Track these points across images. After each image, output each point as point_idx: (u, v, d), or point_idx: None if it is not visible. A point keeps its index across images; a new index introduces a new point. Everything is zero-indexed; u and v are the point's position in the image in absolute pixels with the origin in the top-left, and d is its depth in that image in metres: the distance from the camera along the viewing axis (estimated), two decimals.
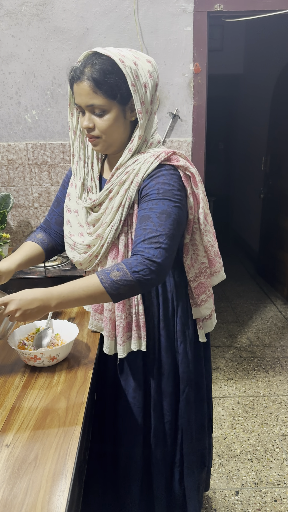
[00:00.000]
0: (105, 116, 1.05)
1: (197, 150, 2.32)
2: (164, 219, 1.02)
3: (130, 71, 1.01)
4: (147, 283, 1.00)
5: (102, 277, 0.99)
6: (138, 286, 0.99)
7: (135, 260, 0.99)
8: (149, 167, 1.06)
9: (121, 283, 0.98)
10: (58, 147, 2.30)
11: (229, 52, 4.60)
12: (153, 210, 1.03)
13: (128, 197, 1.08)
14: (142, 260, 0.98)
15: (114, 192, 1.10)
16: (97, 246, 1.14)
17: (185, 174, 1.09)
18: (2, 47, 2.16)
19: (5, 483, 0.77)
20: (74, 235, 1.21)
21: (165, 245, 1.00)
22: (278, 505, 1.76)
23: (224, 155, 6.17)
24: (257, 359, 2.84)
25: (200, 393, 1.35)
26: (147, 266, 0.98)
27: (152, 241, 1.00)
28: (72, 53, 2.17)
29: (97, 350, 1.22)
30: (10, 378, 1.09)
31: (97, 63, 1.02)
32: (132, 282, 0.98)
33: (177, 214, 1.05)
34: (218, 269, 1.26)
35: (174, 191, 1.05)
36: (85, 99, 1.04)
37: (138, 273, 0.98)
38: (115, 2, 2.11)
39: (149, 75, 1.05)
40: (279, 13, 2.14)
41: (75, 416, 0.94)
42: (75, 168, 1.21)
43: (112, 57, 1.01)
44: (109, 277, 0.98)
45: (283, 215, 3.64)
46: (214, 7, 2.12)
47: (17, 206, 2.40)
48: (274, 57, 3.79)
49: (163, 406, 1.28)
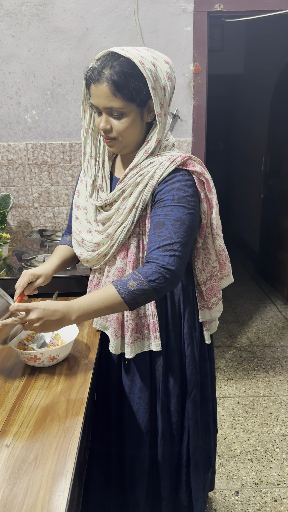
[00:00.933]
0: (123, 118, 1.04)
1: (197, 150, 2.32)
2: (178, 226, 1.03)
3: (150, 73, 1.00)
4: (162, 290, 1.02)
5: (119, 288, 1.00)
6: (154, 293, 1.02)
7: (150, 268, 1.01)
8: (165, 171, 1.06)
9: (138, 293, 1.00)
10: (58, 147, 2.30)
11: (229, 52, 4.60)
12: (168, 216, 1.04)
13: (142, 199, 1.09)
14: (157, 268, 1.01)
15: (127, 193, 1.10)
16: (107, 246, 1.14)
17: (199, 179, 1.10)
18: (2, 47, 2.16)
19: (5, 483, 0.77)
20: (82, 232, 1.21)
21: (179, 253, 1.02)
22: (278, 505, 1.76)
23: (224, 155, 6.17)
24: (257, 359, 2.84)
25: (205, 394, 1.36)
26: (162, 274, 1.00)
27: (166, 249, 1.02)
28: (72, 53, 2.17)
29: (97, 350, 1.22)
30: (10, 378, 1.09)
31: (116, 65, 0.99)
32: (148, 290, 1.00)
33: (191, 221, 1.06)
34: (227, 273, 1.29)
35: (188, 197, 1.06)
36: (104, 101, 1.02)
37: (154, 282, 1.00)
38: (115, 2, 2.11)
39: (168, 77, 1.04)
40: (279, 13, 2.14)
41: (75, 416, 0.94)
42: (86, 166, 1.21)
43: (132, 59, 0.99)
44: (126, 287, 1.00)
45: (283, 215, 3.64)
46: (214, 7, 2.12)
47: (17, 206, 2.40)
48: (274, 57, 3.79)
49: (170, 407, 1.28)
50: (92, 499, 1.37)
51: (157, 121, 1.06)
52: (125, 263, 1.14)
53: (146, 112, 1.07)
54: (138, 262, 1.14)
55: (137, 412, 1.26)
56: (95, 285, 1.26)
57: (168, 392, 1.27)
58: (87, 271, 1.57)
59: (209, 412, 1.39)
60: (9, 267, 1.66)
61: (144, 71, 0.99)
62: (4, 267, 1.67)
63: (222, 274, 1.28)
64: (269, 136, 3.92)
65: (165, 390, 1.27)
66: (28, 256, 1.77)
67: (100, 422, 1.33)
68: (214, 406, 1.48)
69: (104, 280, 1.21)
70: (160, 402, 1.27)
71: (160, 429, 1.29)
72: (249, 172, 4.77)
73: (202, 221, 1.15)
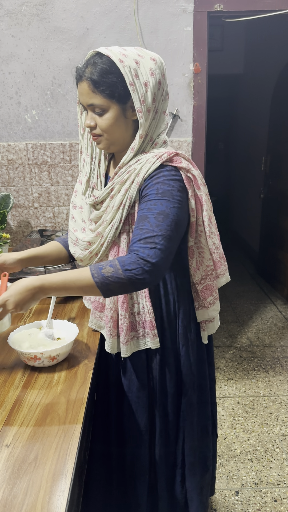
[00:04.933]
0: (105, 115, 1.07)
1: (197, 150, 2.32)
2: (161, 219, 1.01)
3: (129, 70, 1.02)
4: (139, 282, 0.99)
5: (94, 272, 0.99)
6: (130, 284, 0.99)
7: (129, 258, 0.99)
8: (151, 167, 1.06)
9: (112, 280, 0.98)
10: (58, 147, 2.30)
11: (229, 52, 4.60)
12: (151, 210, 1.03)
13: (129, 196, 1.08)
14: (136, 259, 0.98)
15: (115, 191, 1.11)
16: (97, 244, 1.14)
17: (187, 176, 1.09)
18: (2, 47, 2.16)
19: (5, 483, 0.77)
20: (77, 231, 1.21)
21: (160, 246, 1.00)
22: (278, 505, 1.76)
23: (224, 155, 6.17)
24: (257, 359, 2.84)
25: (203, 396, 1.35)
26: (141, 265, 0.98)
27: (148, 241, 1.00)
28: (72, 53, 2.17)
29: (97, 350, 1.22)
30: (10, 378, 1.09)
31: (98, 63, 1.03)
32: (123, 280, 0.98)
33: (175, 215, 1.04)
34: (223, 271, 1.26)
35: (173, 191, 1.05)
36: (86, 98, 1.06)
37: (131, 272, 0.97)
38: (115, 2, 2.11)
39: (151, 73, 1.05)
40: (279, 13, 2.14)
41: (75, 416, 0.94)
42: (82, 164, 1.22)
43: (112, 57, 1.02)
44: (100, 272, 0.98)
45: (283, 215, 3.64)
46: (214, 7, 2.12)
47: (17, 206, 2.40)
48: (274, 57, 3.79)
49: (166, 406, 1.28)
50: (94, 499, 1.37)
51: (137, 116, 1.06)
52: None
53: (129, 110, 1.08)
54: None
55: (136, 411, 1.26)
56: None
57: (165, 391, 1.27)
58: None
59: (206, 415, 1.38)
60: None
61: (122, 68, 1.02)
62: None
63: (217, 273, 1.26)
64: (269, 136, 3.92)
65: (162, 389, 1.26)
66: None
67: (100, 421, 1.33)
68: (213, 410, 1.47)
69: None
70: (157, 401, 1.27)
71: (157, 428, 1.29)
72: (249, 172, 4.77)
73: (191, 219, 1.13)
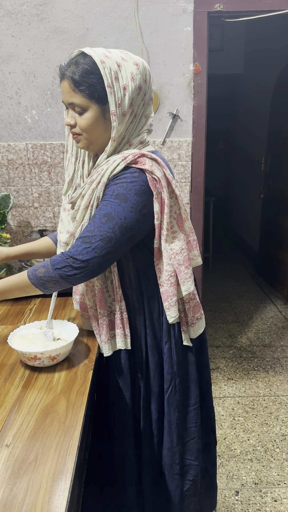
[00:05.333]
0: (84, 114, 1.08)
1: (197, 150, 2.32)
2: (104, 221, 1.04)
3: (109, 72, 1.02)
4: (71, 278, 1.06)
5: (29, 274, 1.10)
6: (63, 280, 1.07)
7: (60, 257, 1.06)
8: (115, 168, 1.06)
9: (46, 279, 1.07)
10: (58, 147, 2.30)
11: (229, 52, 4.60)
12: (100, 210, 1.06)
13: (96, 197, 1.09)
14: (65, 257, 1.05)
15: (85, 191, 1.12)
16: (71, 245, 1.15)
17: (152, 177, 1.07)
18: (2, 47, 2.16)
19: (5, 483, 0.77)
20: (62, 233, 1.21)
21: (95, 245, 1.03)
22: (278, 505, 1.76)
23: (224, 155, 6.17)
24: (257, 359, 2.84)
25: (188, 399, 1.30)
26: (69, 263, 1.04)
27: (84, 240, 1.05)
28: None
29: (97, 350, 1.23)
30: (10, 378, 1.09)
31: (81, 62, 1.04)
32: (55, 277, 1.06)
33: (122, 218, 1.04)
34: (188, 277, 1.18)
35: (128, 195, 1.04)
36: (66, 97, 1.08)
37: (60, 270, 1.05)
38: (115, 2, 2.11)
39: (132, 77, 1.04)
40: (279, 13, 2.14)
41: (75, 416, 0.94)
42: (67, 164, 1.23)
43: (94, 58, 1.02)
44: (35, 273, 1.08)
45: (283, 215, 3.64)
46: (214, 7, 2.12)
47: (17, 206, 2.40)
48: (274, 57, 3.80)
49: (150, 405, 1.27)
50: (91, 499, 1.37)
51: (111, 119, 1.06)
52: None
53: (109, 111, 1.07)
54: None
55: (121, 412, 1.25)
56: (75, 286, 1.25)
57: (149, 390, 1.26)
58: None
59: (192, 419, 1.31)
60: (9, 267, 1.66)
61: (102, 69, 1.02)
62: (4, 267, 1.67)
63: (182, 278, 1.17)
64: (269, 136, 3.92)
65: (147, 387, 1.25)
66: None
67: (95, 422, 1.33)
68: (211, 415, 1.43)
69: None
70: (142, 400, 1.26)
71: (142, 427, 1.27)
72: (249, 172, 4.77)
73: (155, 221, 1.10)
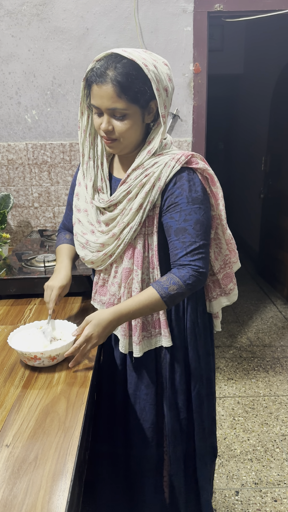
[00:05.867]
0: (125, 120, 1.05)
1: (197, 150, 2.32)
2: (199, 228, 1.09)
3: (154, 75, 1.02)
4: (195, 289, 1.13)
5: (161, 292, 1.09)
6: (189, 293, 1.12)
7: (187, 273, 1.09)
8: (171, 172, 1.08)
9: (177, 295, 1.10)
10: (58, 147, 2.30)
11: (229, 52, 4.60)
12: (187, 221, 1.09)
13: (150, 200, 1.10)
14: (193, 272, 1.09)
15: (133, 194, 1.11)
16: (113, 246, 1.15)
17: (202, 175, 1.13)
18: (2, 47, 2.16)
19: (5, 483, 0.77)
20: (87, 234, 1.21)
21: (205, 254, 1.11)
22: (278, 505, 1.76)
23: (224, 155, 6.16)
24: (257, 359, 2.84)
25: (211, 388, 1.38)
26: (197, 277, 1.10)
27: (194, 253, 1.09)
28: (72, 53, 2.17)
29: (97, 350, 1.23)
30: (10, 378, 1.09)
31: (120, 66, 1.00)
32: (186, 292, 1.11)
33: (207, 219, 1.12)
34: (236, 259, 1.33)
35: (200, 197, 1.10)
36: (107, 102, 1.02)
37: (191, 285, 1.10)
38: (115, 2, 2.11)
39: (168, 78, 1.06)
40: (279, 13, 2.14)
41: (75, 416, 0.94)
42: (85, 168, 1.20)
43: (136, 61, 1.00)
44: (167, 291, 1.09)
45: (283, 215, 3.64)
46: (214, 7, 2.12)
47: (17, 206, 2.40)
48: (274, 57, 3.79)
49: (178, 404, 1.30)
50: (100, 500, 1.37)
51: (161, 121, 1.07)
52: (132, 262, 1.15)
53: (147, 113, 1.08)
54: (145, 262, 1.16)
55: (143, 409, 1.27)
56: (101, 286, 1.26)
57: (175, 389, 1.28)
58: (87, 271, 1.57)
59: (213, 406, 1.41)
60: (9, 267, 1.66)
61: (148, 72, 1.00)
62: (4, 267, 1.67)
63: (232, 260, 1.32)
64: (269, 136, 3.92)
65: (172, 386, 1.28)
66: (28, 256, 1.77)
67: (104, 421, 1.33)
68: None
69: (111, 281, 1.21)
70: (167, 399, 1.28)
71: (169, 425, 1.29)
72: (249, 172, 4.76)
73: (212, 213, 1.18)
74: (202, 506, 1.41)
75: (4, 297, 1.59)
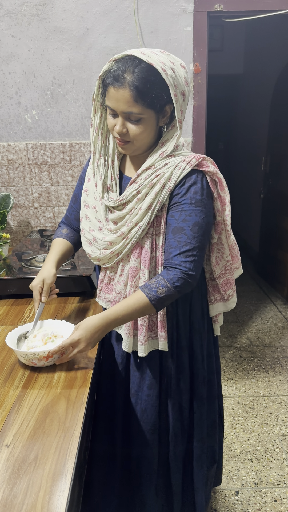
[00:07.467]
0: (140, 124, 1.05)
1: (197, 150, 2.32)
2: (196, 231, 1.09)
3: (172, 80, 1.01)
4: (184, 292, 1.12)
5: (150, 296, 1.09)
6: (178, 295, 1.12)
7: (176, 275, 1.09)
8: (181, 173, 1.09)
9: (166, 298, 1.10)
10: (58, 147, 2.30)
11: (229, 52, 4.60)
12: (186, 222, 1.09)
13: (159, 201, 1.10)
14: (181, 274, 1.09)
15: (142, 194, 1.11)
16: (121, 245, 1.15)
17: (212, 179, 1.13)
18: (2, 47, 2.16)
19: (5, 483, 0.77)
20: (94, 230, 1.21)
21: (198, 257, 1.10)
22: (278, 505, 1.76)
23: (224, 155, 6.16)
24: (257, 359, 2.84)
25: (212, 390, 1.38)
26: (185, 279, 1.09)
27: (187, 254, 1.09)
28: (72, 53, 2.17)
29: (97, 350, 1.22)
30: (10, 378, 1.09)
31: (138, 70, 0.99)
32: (175, 294, 1.10)
33: (207, 224, 1.12)
34: (238, 265, 1.33)
35: (204, 200, 1.11)
36: (123, 106, 1.02)
37: (180, 287, 1.09)
38: (115, 2, 2.11)
39: (185, 82, 1.05)
40: (279, 13, 2.14)
41: (75, 416, 0.94)
42: (96, 166, 1.20)
43: (154, 65, 0.99)
44: (156, 294, 1.09)
45: (283, 215, 3.64)
46: (214, 7, 2.12)
47: (17, 206, 2.40)
48: (274, 57, 3.79)
49: (181, 404, 1.30)
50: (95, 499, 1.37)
51: (177, 126, 1.08)
52: (139, 262, 1.16)
53: (161, 117, 1.08)
54: (152, 261, 1.16)
55: (145, 409, 1.27)
56: (106, 284, 1.26)
57: (179, 390, 1.28)
58: (87, 271, 1.58)
59: (214, 409, 1.41)
60: (9, 267, 1.66)
61: (166, 78, 1.00)
62: (4, 267, 1.67)
63: (233, 266, 1.32)
64: (269, 136, 3.92)
65: (176, 387, 1.28)
66: (28, 256, 1.77)
67: (103, 421, 1.33)
68: (220, 402, 1.49)
69: (117, 279, 1.21)
70: (171, 400, 1.28)
71: (171, 425, 1.30)
72: (249, 172, 4.77)
73: (216, 218, 1.18)
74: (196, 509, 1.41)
75: (4, 297, 1.59)
